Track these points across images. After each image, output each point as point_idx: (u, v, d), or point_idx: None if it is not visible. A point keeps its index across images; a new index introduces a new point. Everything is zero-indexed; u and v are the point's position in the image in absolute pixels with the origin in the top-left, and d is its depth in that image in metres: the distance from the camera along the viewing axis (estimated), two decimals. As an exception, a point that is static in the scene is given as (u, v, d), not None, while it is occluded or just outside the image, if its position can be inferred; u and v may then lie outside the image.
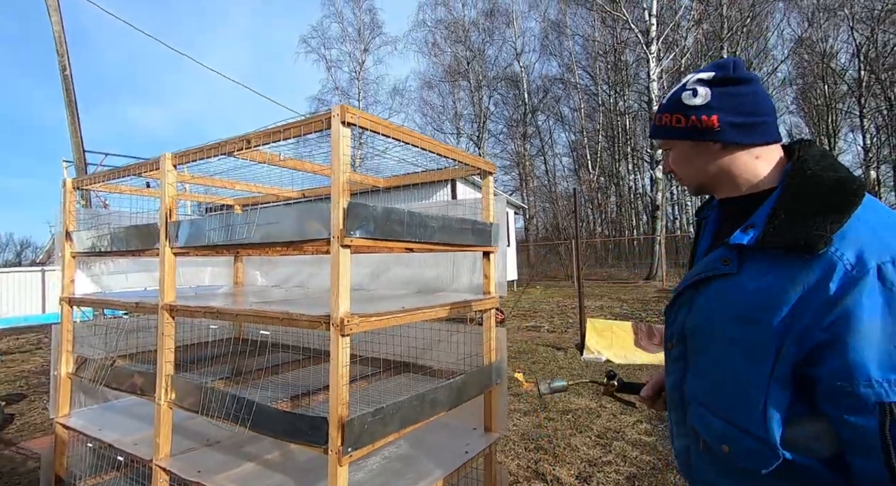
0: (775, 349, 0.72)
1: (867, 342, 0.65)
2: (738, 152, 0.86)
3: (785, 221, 0.75)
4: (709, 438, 0.83)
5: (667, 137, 0.92)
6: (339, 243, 1.28)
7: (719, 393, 0.82)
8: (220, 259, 3.12)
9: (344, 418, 1.26)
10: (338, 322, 1.27)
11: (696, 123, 0.85)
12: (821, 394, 0.71)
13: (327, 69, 27.79)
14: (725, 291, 0.81)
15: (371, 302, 2.01)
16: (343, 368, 1.28)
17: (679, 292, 0.93)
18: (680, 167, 0.93)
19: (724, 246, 0.83)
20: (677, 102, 0.89)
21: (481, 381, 1.91)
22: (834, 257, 0.70)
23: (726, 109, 0.84)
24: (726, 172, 0.88)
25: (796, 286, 0.71)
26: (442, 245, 1.71)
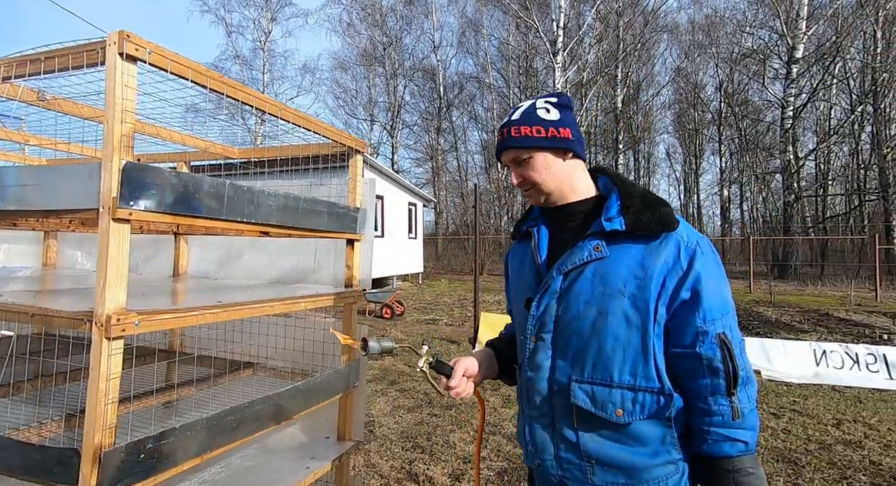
0: (654, 311, 0.92)
1: (709, 294, 0.91)
2: (577, 162, 1.05)
3: (638, 212, 0.96)
4: (598, 409, 0.94)
5: (529, 147, 1.02)
6: (109, 216, 0.96)
7: (605, 364, 0.94)
8: (21, 235, 2.46)
9: (104, 448, 0.95)
10: (102, 321, 0.95)
11: (556, 133, 1.00)
12: (677, 339, 0.93)
13: (227, 34, 25.10)
14: (601, 272, 0.96)
15: (212, 293, 1.67)
16: (109, 381, 0.96)
17: (547, 285, 1.01)
18: (541, 174, 1.03)
19: (594, 235, 0.98)
20: (534, 116, 1.02)
21: (333, 385, 1.68)
22: (677, 236, 0.95)
23: (571, 125, 1.02)
24: (571, 179, 1.04)
25: (659, 260, 0.92)
26: (285, 229, 1.44)
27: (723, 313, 0.92)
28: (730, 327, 0.92)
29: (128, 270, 2.34)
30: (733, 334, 0.92)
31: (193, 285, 1.93)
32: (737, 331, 0.93)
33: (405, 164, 31.07)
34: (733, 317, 0.94)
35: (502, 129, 1.06)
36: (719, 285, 0.93)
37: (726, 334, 0.91)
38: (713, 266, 0.94)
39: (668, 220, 0.94)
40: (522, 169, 1.04)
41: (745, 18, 21.63)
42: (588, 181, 1.07)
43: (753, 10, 21.20)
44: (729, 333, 0.91)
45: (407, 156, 31.37)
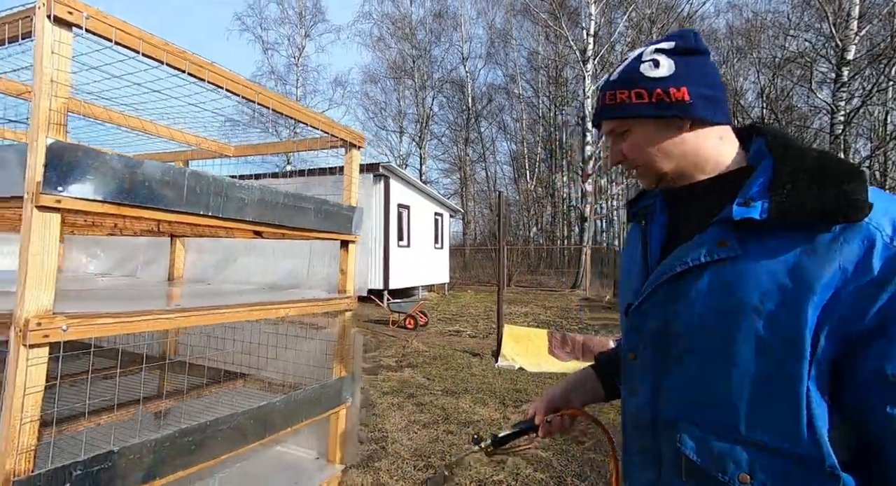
0: (810, 344, 0.60)
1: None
2: (706, 131, 0.75)
3: (798, 190, 0.64)
4: (713, 467, 0.66)
5: (625, 116, 0.77)
6: (32, 204, 0.83)
7: (728, 407, 0.66)
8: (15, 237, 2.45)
9: (18, 475, 0.80)
10: (21, 324, 0.81)
11: (664, 96, 0.73)
12: (861, 389, 0.61)
13: (263, 51, 26.12)
14: (729, 280, 0.67)
15: (207, 297, 1.55)
16: (26, 395, 0.82)
17: (651, 290, 0.76)
18: (640, 153, 0.78)
19: (718, 225, 0.69)
20: (636, 74, 0.75)
21: (323, 400, 1.51)
22: (871, 228, 0.60)
23: (694, 80, 0.73)
24: (693, 155, 0.75)
25: (829, 266, 0.60)
26: (262, 226, 1.30)
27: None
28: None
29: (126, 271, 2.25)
30: None
31: (186, 290, 1.82)
32: None
33: (433, 174, 31.23)
34: None
35: (600, 92, 0.81)
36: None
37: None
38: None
39: (850, 202, 0.59)
40: (623, 144, 0.80)
41: (789, 21, 20.65)
42: (729, 151, 0.76)
43: (798, 12, 20.23)
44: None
45: (435, 167, 31.50)
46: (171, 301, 1.54)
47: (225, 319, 1.19)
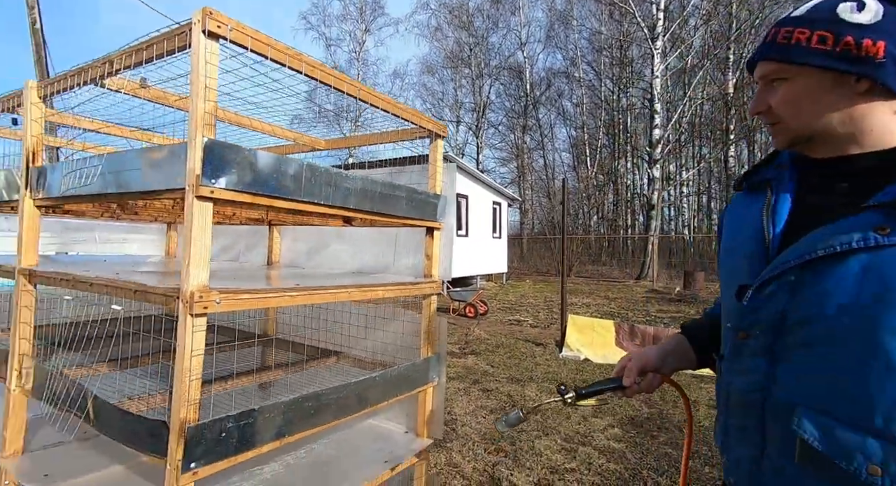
0: None
1: None
2: (880, 102, 0.65)
3: None
4: (836, 455, 0.65)
5: (795, 61, 0.66)
6: (193, 194, 0.97)
7: (868, 401, 0.63)
8: (152, 228, 2.79)
9: (188, 423, 0.96)
10: (187, 298, 0.96)
11: (852, 47, 0.62)
12: None
13: (326, 47, 27.12)
14: (880, 267, 0.62)
15: (303, 279, 1.70)
16: (193, 358, 0.97)
17: (779, 272, 0.70)
18: (795, 107, 0.69)
19: (878, 210, 0.63)
20: (829, 14, 0.64)
21: (413, 378, 1.61)
22: None
23: None
24: (856, 124, 0.66)
25: None
26: (363, 213, 1.40)
27: None
28: None
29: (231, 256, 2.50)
30: None
31: (284, 273, 2.00)
32: None
33: (490, 163, 30.99)
34: None
35: (771, 28, 0.71)
36: None
37: None
38: None
39: None
40: (772, 93, 0.71)
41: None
42: None
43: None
44: None
45: (492, 156, 31.23)
46: (267, 282, 1.71)
47: (335, 298, 1.31)
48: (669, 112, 21.56)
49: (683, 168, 26.43)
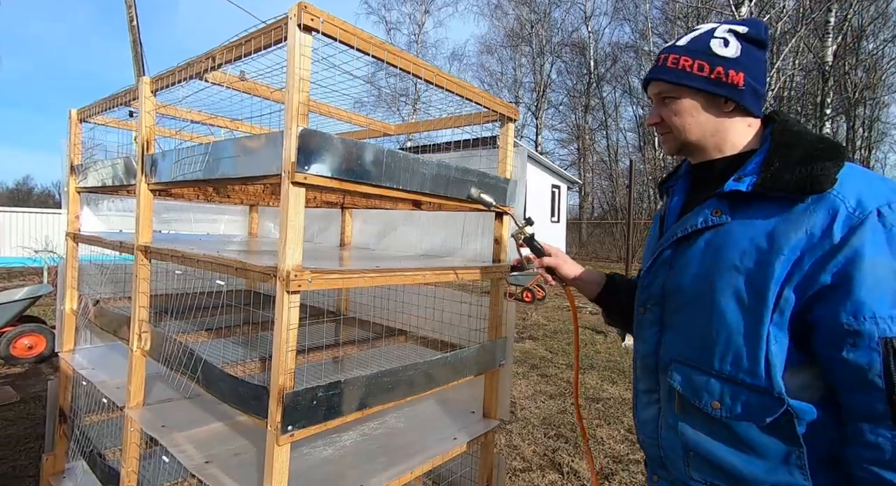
0: (775, 295, 0.72)
1: (873, 281, 0.66)
2: (741, 118, 0.85)
3: (781, 167, 0.75)
4: (692, 396, 0.82)
5: (680, 83, 0.84)
6: (289, 181, 1.04)
7: (707, 349, 0.80)
8: (235, 209, 3.02)
9: (285, 390, 1.05)
10: (284, 276, 1.04)
11: (722, 75, 0.81)
12: (820, 337, 0.71)
13: (387, 31, 27.31)
14: (716, 242, 0.81)
15: (372, 262, 1.79)
16: (289, 330, 1.06)
17: (659, 251, 0.91)
18: (681, 119, 0.86)
19: (715, 198, 0.82)
20: (703, 46, 0.82)
21: (480, 360, 1.65)
22: (837, 200, 0.70)
23: (751, 70, 0.81)
24: (721, 135, 0.86)
25: (798, 231, 0.71)
26: (436, 198, 1.43)
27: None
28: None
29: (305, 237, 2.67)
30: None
31: (356, 254, 2.10)
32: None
33: (549, 145, 30.01)
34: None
35: (660, 54, 0.88)
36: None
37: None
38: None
39: (816, 179, 0.70)
40: (665, 108, 0.88)
41: None
42: (747, 137, 0.86)
43: None
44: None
45: (551, 137, 30.19)
46: (343, 263, 1.80)
47: (412, 280, 1.36)
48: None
49: (767, 148, 24.04)
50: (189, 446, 1.41)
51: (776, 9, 17.46)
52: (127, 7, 8.60)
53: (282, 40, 1.08)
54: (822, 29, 19.21)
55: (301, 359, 1.74)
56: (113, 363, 2.14)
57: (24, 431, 3.08)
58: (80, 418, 2.10)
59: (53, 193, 42.38)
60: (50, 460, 2.25)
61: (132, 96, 1.73)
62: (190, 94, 1.49)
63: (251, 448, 1.44)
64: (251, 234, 3.01)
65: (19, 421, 3.24)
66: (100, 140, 2.24)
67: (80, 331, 2.28)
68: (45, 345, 4.59)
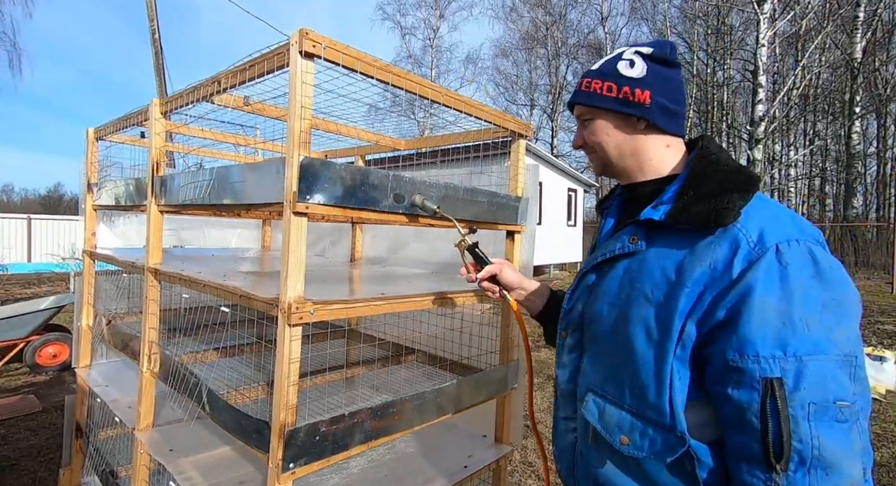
0: (679, 329, 0.72)
1: (760, 319, 0.65)
2: (655, 136, 0.85)
3: (693, 198, 0.76)
4: (604, 430, 0.80)
5: (592, 105, 0.87)
6: (290, 210, 1.01)
7: (619, 381, 0.79)
8: (249, 222, 3.04)
9: (287, 425, 1.02)
10: (285, 308, 1.02)
11: (629, 95, 0.83)
12: (711, 372, 0.71)
13: (402, 37, 27.52)
14: (632, 270, 0.80)
15: (380, 282, 1.76)
16: (290, 364, 1.03)
17: (581, 275, 0.91)
18: (598, 139, 0.88)
19: (633, 224, 0.82)
20: (612, 69, 0.85)
21: (492, 384, 1.60)
22: (740, 234, 0.71)
23: (658, 89, 0.83)
24: (639, 154, 0.87)
25: (703, 264, 0.71)
26: (446, 220, 1.39)
27: (794, 353, 0.63)
28: (802, 374, 0.62)
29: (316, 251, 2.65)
30: (809, 388, 0.62)
31: (367, 273, 2.08)
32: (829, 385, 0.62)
33: (565, 147, 29.71)
34: (831, 364, 0.63)
35: (581, 77, 0.90)
36: (792, 307, 0.64)
37: (783, 383, 0.62)
38: (796, 278, 0.65)
39: (720, 213, 0.70)
40: (585, 130, 0.90)
41: None
42: (672, 159, 0.86)
43: None
44: (794, 382, 0.62)
45: (567, 139, 29.88)
46: (351, 285, 1.77)
47: (417, 306, 1.32)
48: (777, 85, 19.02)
49: (792, 147, 23.32)
50: (195, 472, 1.40)
51: (801, 5, 16.95)
52: (149, 20, 8.84)
53: (284, 66, 1.05)
54: (851, 24, 18.56)
55: (318, 380, 1.72)
56: (126, 379, 2.16)
57: (46, 441, 3.15)
58: (94, 433, 2.11)
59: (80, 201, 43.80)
60: (67, 474, 2.28)
61: (144, 117, 1.74)
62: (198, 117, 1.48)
63: (257, 476, 1.42)
64: (264, 247, 3.02)
65: (41, 431, 3.31)
66: (116, 158, 2.27)
67: (96, 346, 2.31)
68: (69, 354, 4.70)
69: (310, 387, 1.72)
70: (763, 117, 15.20)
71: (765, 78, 15.30)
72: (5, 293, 8.45)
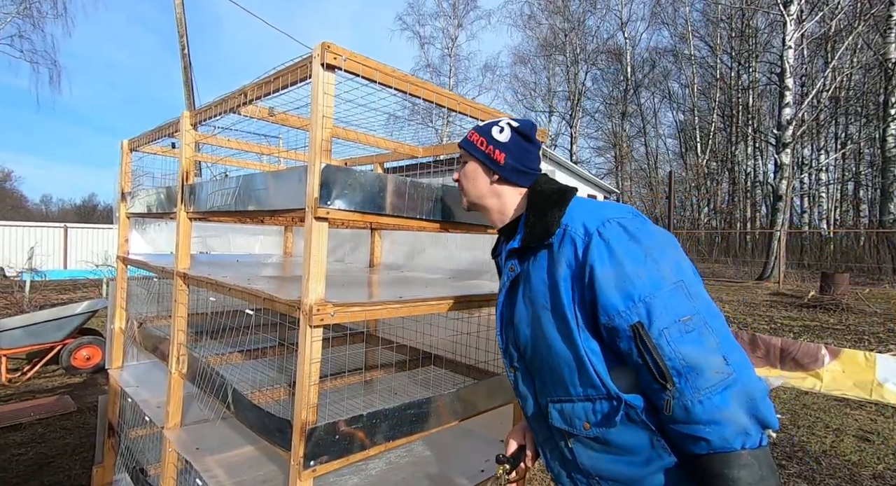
0: (573, 317, 0.87)
1: (606, 285, 0.83)
2: (509, 187, 1.06)
3: (533, 222, 0.96)
4: (569, 426, 0.91)
5: (468, 151, 1.08)
6: (312, 216, 1.05)
7: (561, 380, 0.91)
8: (271, 229, 3.12)
9: (308, 424, 1.05)
10: (307, 310, 1.05)
11: (492, 152, 1.04)
12: (606, 340, 0.86)
13: (420, 46, 27.90)
14: (525, 292, 0.96)
15: (399, 286, 1.79)
16: (312, 364, 1.06)
17: (500, 314, 1.05)
18: (466, 180, 1.09)
19: (507, 256, 1.00)
20: (488, 130, 1.06)
21: (508, 389, 1.60)
22: (572, 233, 0.90)
23: (514, 154, 1.04)
24: (497, 198, 1.07)
25: (562, 265, 0.89)
26: (463, 225, 1.41)
27: (640, 298, 0.80)
28: (651, 311, 0.79)
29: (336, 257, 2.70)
30: (659, 318, 0.79)
31: (385, 277, 2.11)
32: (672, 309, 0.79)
33: (584, 154, 29.47)
34: (667, 294, 0.80)
35: (471, 129, 1.10)
36: (625, 268, 0.82)
37: (641, 324, 0.79)
38: (618, 247, 0.84)
39: (547, 226, 0.92)
40: (461, 169, 1.10)
41: None
42: (524, 203, 1.04)
43: None
44: (647, 319, 0.79)
45: (586, 145, 29.64)
46: (370, 289, 1.81)
47: (435, 309, 1.34)
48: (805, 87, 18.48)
49: (822, 151, 22.54)
50: (220, 470, 1.44)
51: (830, 6, 16.50)
52: (179, 37, 9.24)
53: (307, 78, 1.10)
54: (884, 24, 17.93)
55: (335, 383, 1.76)
56: (155, 380, 2.24)
57: (80, 440, 3.28)
58: (125, 432, 2.20)
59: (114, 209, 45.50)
60: (99, 472, 2.37)
61: (175, 128, 1.83)
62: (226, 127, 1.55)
63: (278, 475, 1.46)
64: (286, 253, 3.10)
65: (76, 430, 3.45)
66: (147, 168, 2.38)
67: (128, 348, 2.41)
68: (102, 356, 4.89)
69: (330, 389, 1.76)
70: (791, 121, 14.77)
71: (792, 80, 14.90)
72: (43, 299, 8.86)
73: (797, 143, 17.12)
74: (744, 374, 0.77)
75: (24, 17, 17.22)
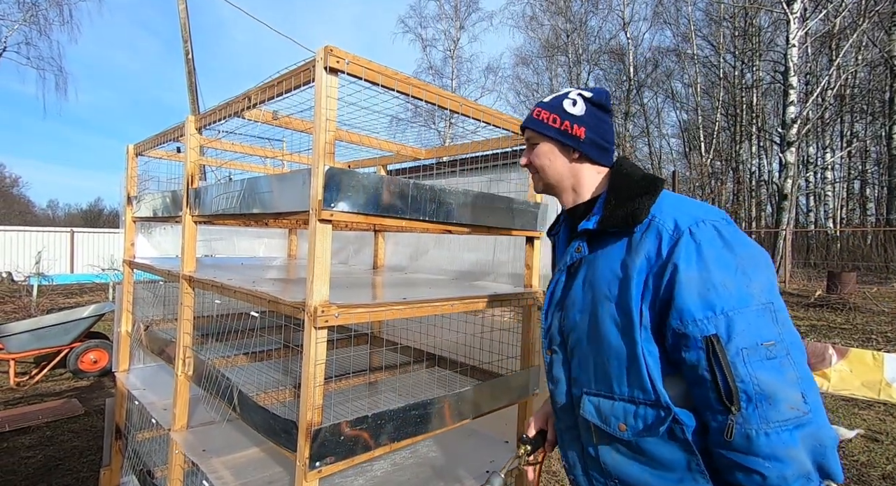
0: (638, 314, 0.82)
1: (689, 289, 0.77)
2: (588, 165, 0.99)
3: (615, 206, 0.89)
4: (603, 423, 0.87)
5: (539, 131, 1.00)
6: (316, 218, 1.06)
7: (606, 376, 0.87)
8: (275, 232, 3.14)
9: (314, 425, 1.06)
10: (312, 312, 1.06)
11: (568, 128, 0.96)
12: (669, 345, 0.81)
13: (423, 48, 27.94)
14: (588, 277, 0.91)
15: (402, 288, 1.79)
16: (317, 365, 1.07)
17: (550, 294, 1.00)
18: (540, 161, 1.01)
19: (575, 237, 0.95)
20: (559, 105, 0.98)
21: (512, 390, 1.60)
22: (660, 226, 0.84)
23: (593, 127, 0.97)
24: (574, 178, 1.00)
25: (639, 257, 0.83)
26: (465, 226, 1.42)
27: (721, 310, 0.75)
28: (732, 326, 0.74)
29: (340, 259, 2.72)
30: (739, 336, 0.74)
31: (389, 279, 2.12)
32: (756, 331, 0.74)
33: (588, 155, 29.32)
34: (753, 313, 0.75)
35: (533, 107, 1.04)
36: (711, 274, 0.77)
37: (718, 338, 0.74)
38: (709, 251, 0.79)
39: (634, 213, 0.86)
40: (532, 152, 1.03)
41: None
42: (601, 183, 0.99)
43: None
44: (727, 334, 0.74)
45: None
46: (374, 290, 1.81)
47: (439, 311, 1.35)
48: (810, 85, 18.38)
49: (827, 150, 22.39)
50: (226, 472, 1.45)
51: (833, 3, 16.41)
52: (183, 41, 9.31)
53: (310, 81, 1.11)
54: (889, 21, 17.82)
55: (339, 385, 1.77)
56: (162, 383, 2.25)
57: (87, 443, 3.30)
58: (132, 435, 2.21)
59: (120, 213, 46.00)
60: (107, 474, 2.39)
61: (180, 132, 1.85)
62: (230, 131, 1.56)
63: (284, 476, 1.46)
64: (290, 256, 3.12)
65: (83, 433, 3.47)
66: (153, 172, 2.40)
67: (134, 351, 2.43)
68: (108, 360, 4.93)
69: (335, 390, 1.76)
70: (795, 119, 14.69)
71: (796, 79, 14.82)
72: (50, 303, 8.93)
73: (802, 141, 17.02)
74: (819, 417, 0.72)
75: (31, 24, 17.43)
